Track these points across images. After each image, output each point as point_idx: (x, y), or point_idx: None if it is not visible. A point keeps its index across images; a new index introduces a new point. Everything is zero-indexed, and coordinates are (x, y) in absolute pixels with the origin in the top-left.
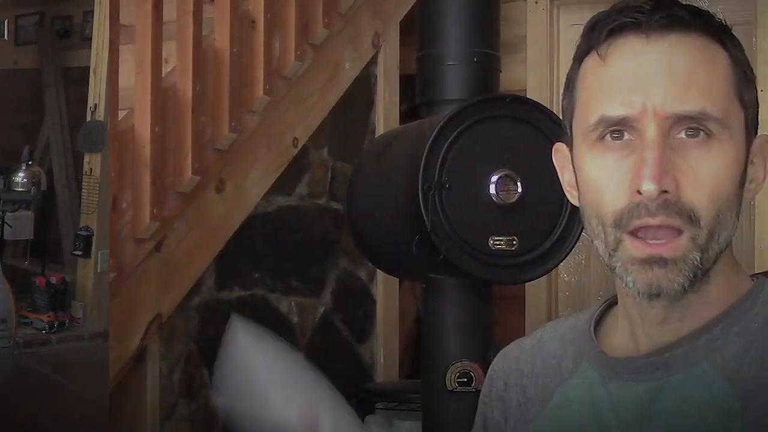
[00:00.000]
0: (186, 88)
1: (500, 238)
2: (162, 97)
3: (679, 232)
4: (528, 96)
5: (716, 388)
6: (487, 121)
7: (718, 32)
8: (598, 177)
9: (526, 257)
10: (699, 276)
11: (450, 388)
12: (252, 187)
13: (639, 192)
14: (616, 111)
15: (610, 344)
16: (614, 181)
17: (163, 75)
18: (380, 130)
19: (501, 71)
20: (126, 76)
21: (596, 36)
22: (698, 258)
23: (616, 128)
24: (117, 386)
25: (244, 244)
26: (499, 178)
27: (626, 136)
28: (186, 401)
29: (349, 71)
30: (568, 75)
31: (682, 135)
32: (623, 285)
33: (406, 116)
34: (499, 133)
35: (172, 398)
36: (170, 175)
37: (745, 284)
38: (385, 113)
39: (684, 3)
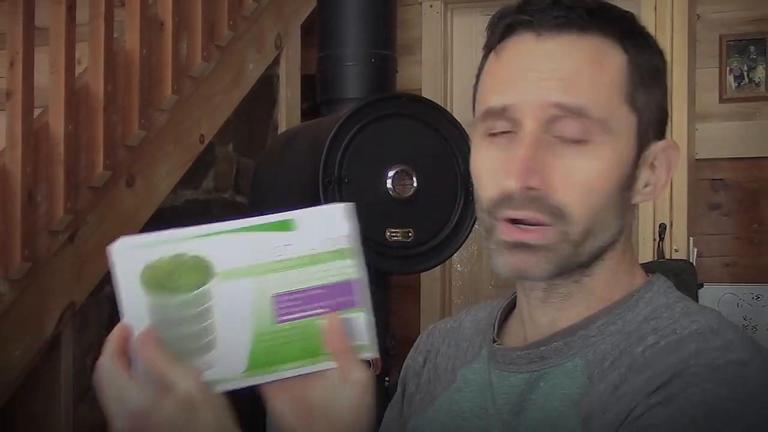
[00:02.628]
0: (98, 87)
1: (396, 230)
2: (75, 96)
3: (548, 224)
4: (423, 95)
5: (577, 382)
6: (384, 119)
7: (620, 34)
8: (481, 166)
9: (421, 248)
10: (572, 267)
11: None
12: (161, 181)
13: None
14: (497, 101)
15: (510, 332)
16: (492, 171)
17: (76, 75)
18: (282, 127)
19: (397, 71)
20: (41, 75)
21: (494, 32)
22: (568, 251)
23: (503, 123)
24: (32, 371)
25: None
26: (395, 173)
27: (512, 131)
28: None
29: (253, 71)
30: (479, 67)
31: (562, 134)
32: (493, 267)
33: (307, 114)
34: (395, 130)
35: (84, 382)
36: (83, 170)
37: (636, 283)
38: (287, 111)
39: (593, 1)
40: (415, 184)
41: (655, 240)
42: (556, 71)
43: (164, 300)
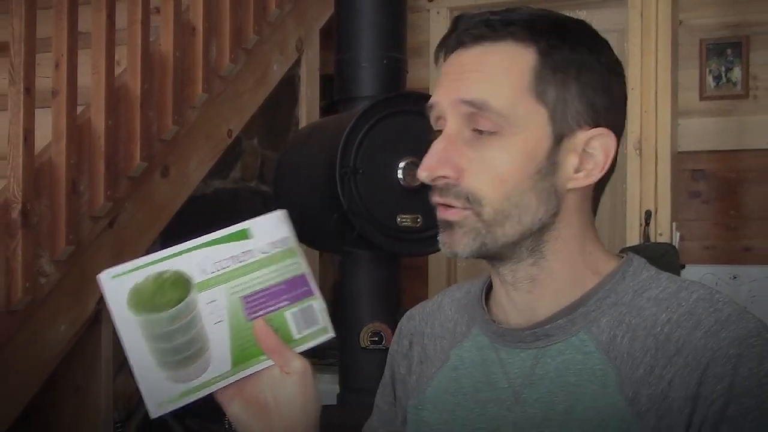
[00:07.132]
0: (135, 86)
1: (406, 216)
2: (115, 94)
3: (464, 208)
4: (430, 93)
5: (593, 357)
6: (395, 115)
7: (534, 38)
8: None
9: (429, 233)
10: (489, 244)
11: (363, 346)
12: (192, 172)
13: None
14: (429, 102)
15: (490, 313)
16: None
17: (115, 75)
18: (303, 122)
19: (407, 72)
20: (83, 76)
21: (438, 58)
22: (482, 229)
23: (440, 124)
24: (75, 344)
25: (186, 222)
26: (405, 165)
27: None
28: None
29: (276, 72)
30: None
31: (478, 128)
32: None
33: (325, 111)
34: (405, 125)
35: (122, 354)
36: (122, 161)
37: (609, 261)
38: (307, 108)
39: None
40: None
41: (641, 225)
42: (465, 74)
43: (154, 317)
